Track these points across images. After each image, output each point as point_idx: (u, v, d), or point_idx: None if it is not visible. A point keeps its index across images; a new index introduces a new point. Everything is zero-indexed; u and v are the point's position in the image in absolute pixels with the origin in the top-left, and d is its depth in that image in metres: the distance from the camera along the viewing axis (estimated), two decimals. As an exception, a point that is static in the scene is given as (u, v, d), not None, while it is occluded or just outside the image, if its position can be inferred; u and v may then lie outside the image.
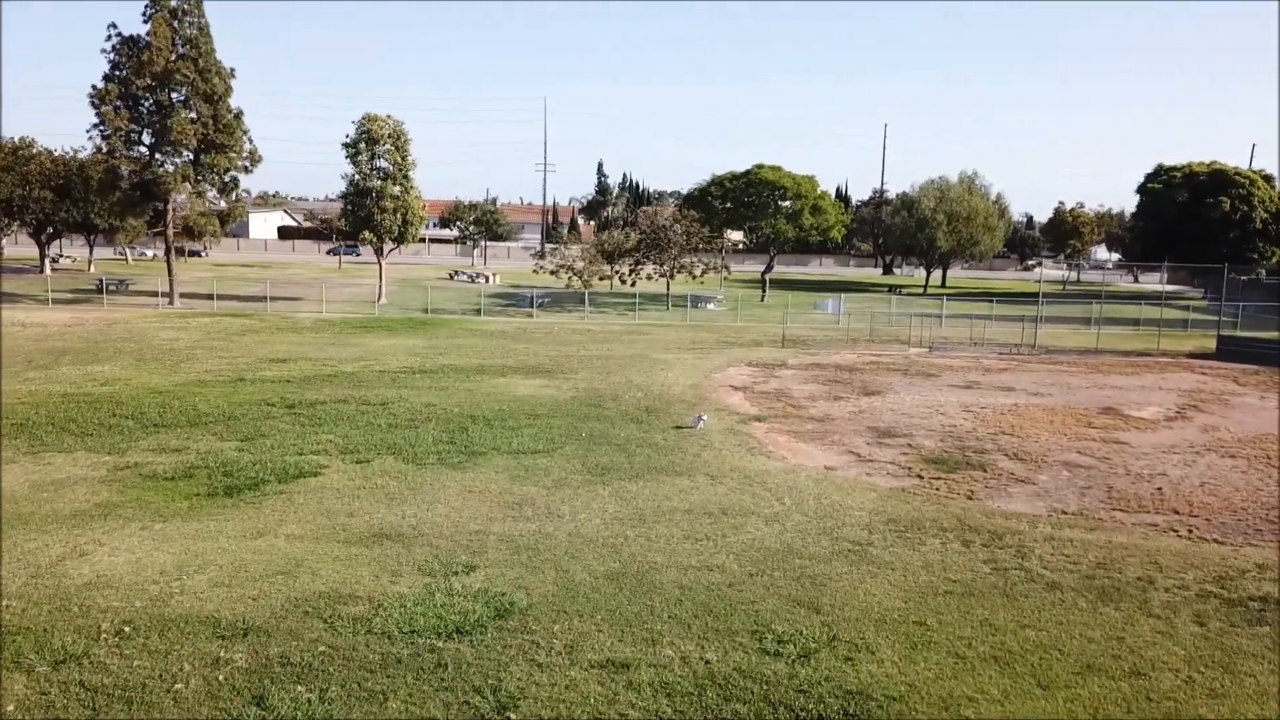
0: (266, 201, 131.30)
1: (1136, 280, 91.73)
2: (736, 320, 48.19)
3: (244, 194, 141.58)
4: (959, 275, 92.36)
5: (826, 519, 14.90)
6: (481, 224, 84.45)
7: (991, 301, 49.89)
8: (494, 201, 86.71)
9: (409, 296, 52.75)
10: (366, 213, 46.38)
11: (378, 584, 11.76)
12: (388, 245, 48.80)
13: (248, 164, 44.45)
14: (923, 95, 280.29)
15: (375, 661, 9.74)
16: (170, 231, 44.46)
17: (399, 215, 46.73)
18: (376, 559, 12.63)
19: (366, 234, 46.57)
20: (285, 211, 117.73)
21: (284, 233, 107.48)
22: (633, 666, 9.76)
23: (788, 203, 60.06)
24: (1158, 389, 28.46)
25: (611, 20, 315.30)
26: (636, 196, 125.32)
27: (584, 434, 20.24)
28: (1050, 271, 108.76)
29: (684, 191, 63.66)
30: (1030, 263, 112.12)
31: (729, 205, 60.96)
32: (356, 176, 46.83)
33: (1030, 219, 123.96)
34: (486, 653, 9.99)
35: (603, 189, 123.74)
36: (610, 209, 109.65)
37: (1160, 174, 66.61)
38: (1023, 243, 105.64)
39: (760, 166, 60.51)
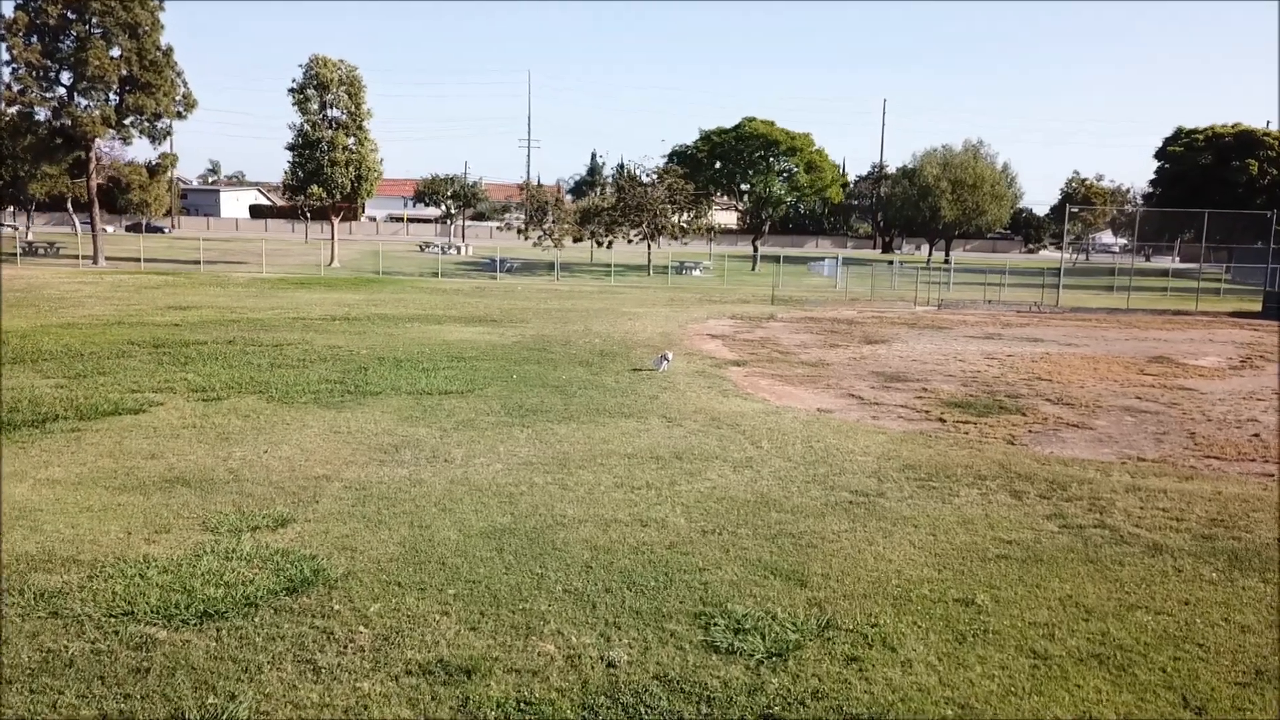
0: (240, 181, 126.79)
1: (1149, 260, 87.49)
2: (724, 284, 43.99)
3: (222, 178, 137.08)
4: (962, 255, 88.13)
5: (819, 465, 10.76)
6: (460, 198, 79.94)
7: (1003, 274, 45.66)
8: (469, 178, 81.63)
9: (368, 263, 48.36)
10: (315, 166, 42.07)
11: (124, 544, 7.60)
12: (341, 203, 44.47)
13: (181, 109, 40.10)
14: (921, 89, 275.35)
15: (27, 664, 5.58)
16: (93, 182, 40.11)
17: (352, 169, 42.43)
18: (147, 510, 8.47)
19: (315, 189, 42.25)
20: (260, 191, 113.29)
21: (256, 211, 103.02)
22: (479, 672, 5.63)
23: (782, 160, 55.56)
24: (1209, 341, 24.35)
25: (606, 10, 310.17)
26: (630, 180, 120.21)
27: (515, 376, 16.09)
28: (1056, 254, 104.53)
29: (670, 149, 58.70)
30: (1033, 246, 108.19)
31: (717, 165, 56.50)
32: (306, 126, 42.50)
33: (1030, 211, 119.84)
34: (234, 649, 5.83)
35: (593, 169, 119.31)
36: (600, 188, 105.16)
37: (1181, 137, 62.17)
38: (1026, 224, 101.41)
39: (751, 120, 55.87)
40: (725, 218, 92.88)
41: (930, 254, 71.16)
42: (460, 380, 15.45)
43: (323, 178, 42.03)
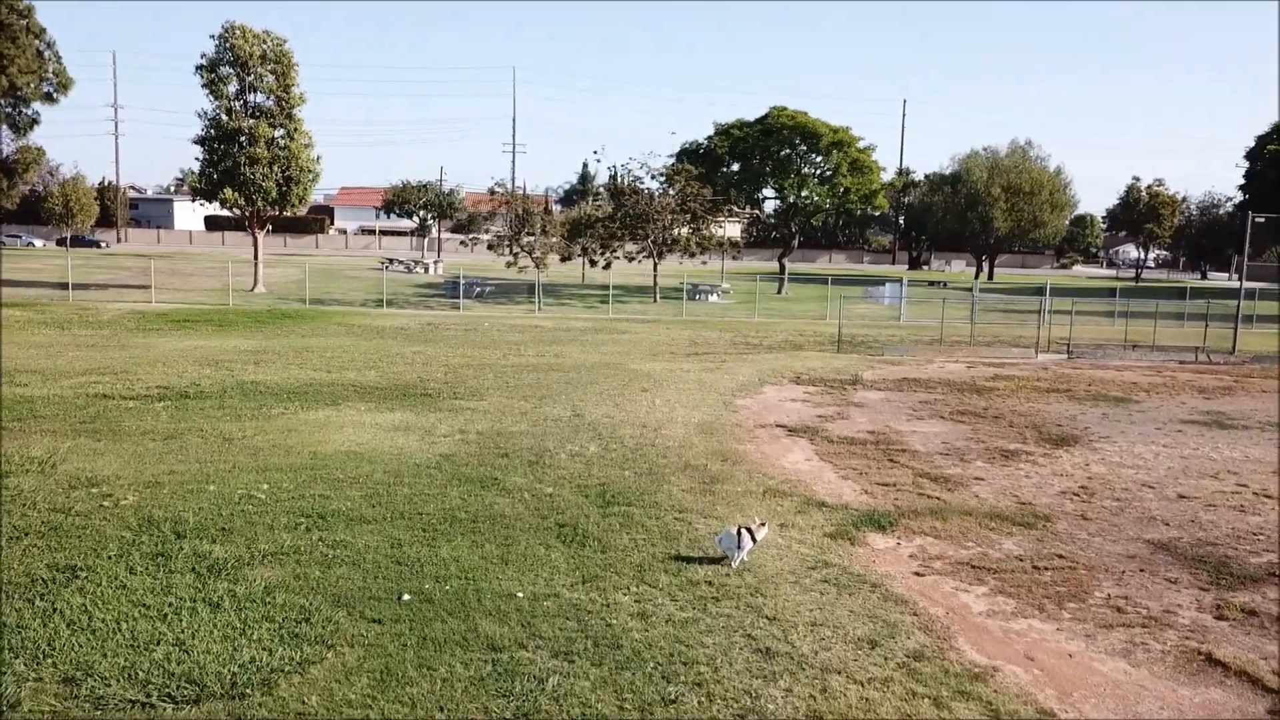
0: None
1: (1204, 277, 79.03)
2: (754, 315, 34.91)
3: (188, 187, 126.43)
4: (998, 272, 79.33)
5: None
6: (434, 207, 70.81)
7: (1110, 297, 36.74)
8: (446, 185, 72.15)
9: (308, 287, 38.93)
10: (231, 164, 32.94)
11: None
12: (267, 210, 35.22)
13: (52, 89, 31.02)
14: (914, 93, 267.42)
15: None
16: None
17: (277, 169, 33.29)
18: None
19: (228, 193, 33.10)
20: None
21: (211, 223, 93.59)
22: None
23: (819, 157, 46.47)
24: None
25: (600, 10, 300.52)
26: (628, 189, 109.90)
27: (415, 590, 7.01)
28: (1085, 269, 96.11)
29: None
30: (1065, 260, 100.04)
31: (736, 166, 47.32)
32: (220, 115, 33.37)
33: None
34: None
35: (585, 178, 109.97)
36: (593, 198, 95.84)
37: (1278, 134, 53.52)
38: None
39: (781, 109, 46.69)
40: (728, 229, 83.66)
41: (979, 270, 61.98)
42: (279, 616, 6.38)
43: (240, 179, 32.87)
